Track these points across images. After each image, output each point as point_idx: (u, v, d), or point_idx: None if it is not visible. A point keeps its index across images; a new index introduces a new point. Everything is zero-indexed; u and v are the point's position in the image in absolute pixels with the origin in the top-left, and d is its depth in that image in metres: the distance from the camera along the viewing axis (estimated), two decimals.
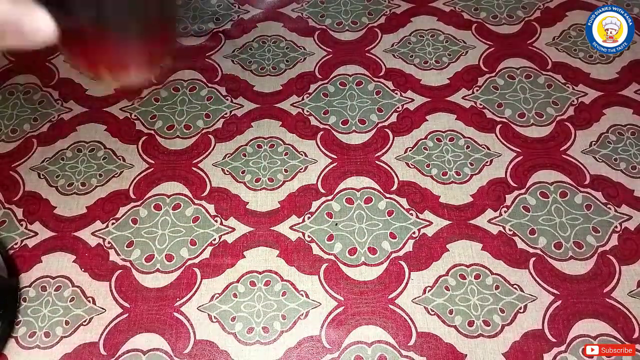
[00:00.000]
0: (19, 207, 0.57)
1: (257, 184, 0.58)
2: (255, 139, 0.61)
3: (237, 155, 0.60)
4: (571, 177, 0.57)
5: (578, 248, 0.53)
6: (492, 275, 0.52)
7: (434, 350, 0.48)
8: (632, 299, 0.50)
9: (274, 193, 0.57)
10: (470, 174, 0.58)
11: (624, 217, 0.55)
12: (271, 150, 0.60)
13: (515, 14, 0.72)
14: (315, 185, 0.57)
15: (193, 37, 0.69)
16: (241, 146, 0.60)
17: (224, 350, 0.48)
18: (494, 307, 0.50)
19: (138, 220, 0.55)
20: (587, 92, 0.64)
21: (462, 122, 0.62)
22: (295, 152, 0.60)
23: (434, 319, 0.49)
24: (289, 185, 0.58)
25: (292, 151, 0.60)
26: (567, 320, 0.49)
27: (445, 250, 0.53)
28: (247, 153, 0.60)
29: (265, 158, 0.59)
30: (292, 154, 0.59)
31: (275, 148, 0.60)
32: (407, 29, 0.71)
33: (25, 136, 0.62)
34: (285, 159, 0.59)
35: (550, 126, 0.61)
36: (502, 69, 0.66)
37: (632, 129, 0.61)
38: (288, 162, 0.59)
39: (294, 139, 0.60)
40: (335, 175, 0.58)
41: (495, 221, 0.55)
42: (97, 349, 0.48)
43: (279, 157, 0.59)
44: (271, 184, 0.58)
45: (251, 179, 0.58)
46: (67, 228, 0.55)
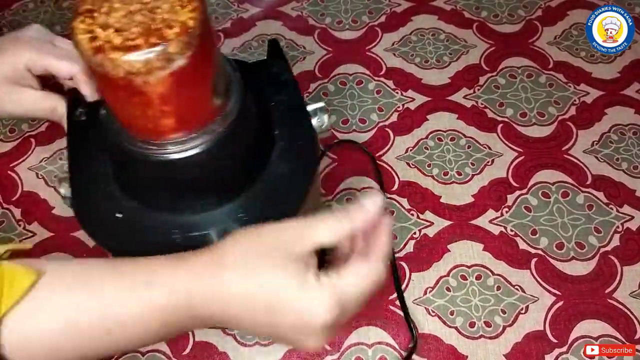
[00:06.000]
0: (17, 208, 0.56)
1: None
2: None
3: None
4: (573, 177, 0.57)
5: (580, 248, 0.53)
6: (494, 275, 0.51)
7: (435, 352, 0.48)
8: (634, 299, 0.50)
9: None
10: (471, 173, 0.58)
11: (626, 217, 0.54)
12: None
13: (517, 12, 0.71)
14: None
15: None
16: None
17: (223, 352, 0.48)
18: (495, 308, 0.50)
19: None
20: (588, 92, 0.63)
21: (464, 122, 0.61)
22: None
23: (435, 320, 0.49)
24: None
25: None
26: (568, 321, 0.49)
27: (446, 251, 0.53)
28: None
29: None
30: None
31: None
32: (408, 27, 0.70)
33: (23, 136, 0.61)
34: None
35: (552, 126, 0.61)
36: (504, 68, 0.66)
37: (633, 128, 0.61)
38: None
39: None
40: (336, 176, 0.58)
41: (496, 221, 0.54)
42: None
43: None
44: None
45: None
46: (65, 228, 0.55)
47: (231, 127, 0.33)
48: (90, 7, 0.30)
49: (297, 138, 0.39)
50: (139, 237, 0.36)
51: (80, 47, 0.29)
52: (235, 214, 0.36)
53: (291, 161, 0.38)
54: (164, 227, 0.36)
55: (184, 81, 0.29)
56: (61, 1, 0.74)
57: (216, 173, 0.35)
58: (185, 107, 0.31)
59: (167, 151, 0.32)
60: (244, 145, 0.36)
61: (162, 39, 0.28)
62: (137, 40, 0.28)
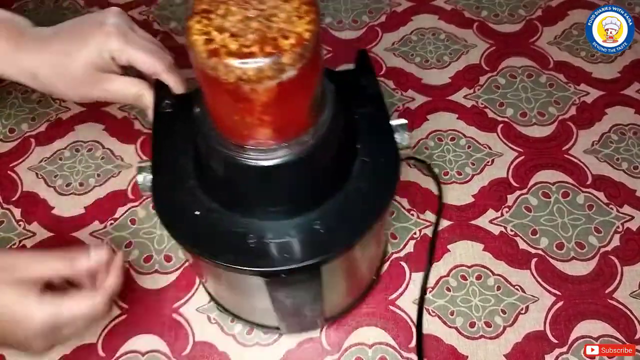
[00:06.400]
0: (17, 208, 0.56)
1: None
2: None
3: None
4: (573, 177, 0.57)
5: (580, 249, 0.53)
6: (494, 276, 0.51)
7: (435, 352, 0.48)
8: (634, 299, 0.50)
9: None
10: (471, 173, 0.58)
11: (626, 217, 0.54)
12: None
13: (517, 12, 0.71)
14: None
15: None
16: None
17: (223, 352, 0.48)
18: (495, 308, 0.49)
19: (136, 221, 0.55)
20: (589, 92, 0.63)
21: (464, 122, 0.61)
22: None
23: (435, 320, 0.49)
24: None
25: None
26: (568, 321, 0.49)
27: (447, 251, 0.53)
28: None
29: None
30: None
31: None
32: (408, 27, 0.70)
33: (23, 136, 0.61)
34: None
35: (552, 126, 0.61)
36: (504, 68, 0.66)
37: (634, 128, 0.61)
38: None
39: None
40: None
41: (496, 221, 0.54)
42: (96, 350, 0.48)
43: None
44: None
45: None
46: (65, 228, 0.55)
47: (322, 138, 0.33)
48: (207, 7, 0.30)
49: (379, 154, 0.39)
50: (215, 237, 0.36)
51: (195, 48, 0.28)
52: (310, 224, 0.36)
53: (372, 178, 0.38)
54: (241, 230, 0.36)
55: (289, 92, 0.29)
56: (61, 1, 0.74)
57: (301, 182, 0.35)
58: (285, 118, 0.31)
59: (257, 157, 0.32)
60: (330, 157, 0.36)
61: (277, 49, 0.28)
62: (252, 48, 0.28)
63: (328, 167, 0.36)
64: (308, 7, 0.30)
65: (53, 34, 0.46)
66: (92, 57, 0.44)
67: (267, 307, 0.40)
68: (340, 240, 0.35)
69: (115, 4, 0.72)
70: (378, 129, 0.40)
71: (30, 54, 0.45)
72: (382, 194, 0.37)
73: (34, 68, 0.45)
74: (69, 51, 0.44)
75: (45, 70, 0.45)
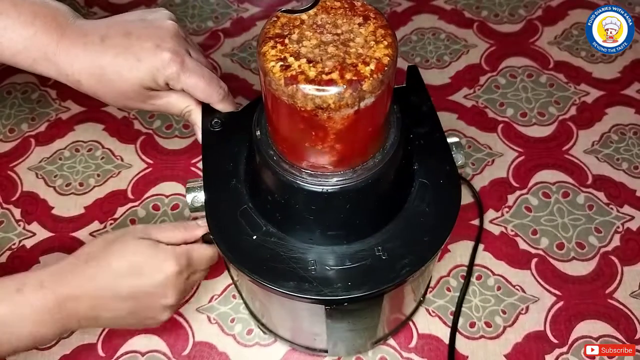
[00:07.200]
0: (17, 208, 0.56)
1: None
2: None
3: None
4: (573, 177, 0.57)
5: (580, 249, 0.53)
6: (494, 276, 0.51)
7: (435, 352, 0.47)
8: (634, 299, 0.50)
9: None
10: (471, 173, 0.58)
11: (626, 217, 0.54)
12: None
13: (517, 12, 0.71)
14: None
15: (192, 36, 0.69)
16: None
17: (222, 352, 0.48)
18: (495, 308, 0.49)
19: (136, 221, 0.55)
20: (589, 92, 0.63)
21: (464, 122, 0.61)
22: None
23: (435, 320, 0.49)
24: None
25: None
26: (569, 321, 0.49)
27: (447, 251, 0.53)
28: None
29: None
30: None
31: None
32: (408, 27, 0.70)
33: (23, 136, 0.61)
34: None
35: (552, 126, 0.61)
36: (504, 68, 0.66)
37: (634, 128, 0.60)
38: None
39: None
40: None
41: (497, 221, 0.54)
42: (95, 350, 0.48)
43: None
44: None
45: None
46: (65, 228, 0.55)
47: (387, 163, 0.32)
48: (280, 32, 0.29)
49: (438, 175, 0.37)
50: (276, 262, 0.34)
51: (271, 75, 0.27)
52: (372, 250, 0.34)
53: (432, 200, 0.36)
54: (300, 256, 0.34)
55: (364, 119, 0.28)
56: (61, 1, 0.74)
57: (364, 207, 0.34)
58: (356, 144, 0.30)
59: (321, 182, 0.31)
60: (393, 180, 0.35)
61: (358, 76, 0.27)
62: (332, 75, 0.27)
63: (390, 191, 0.35)
64: (384, 31, 0.29)
65: (100, 39, 0.41)
66: (145, 81, 0.41)
67: (319, 332, 0.39)
68: (405, 267, 0.34)
69: (116, 4, 0.72)
70: (434, 148, 0.38)
71: (73, 58, 0.41)
72: (444, 217, 0.36)
73: (77, 74, 0.42)
74: (119, 70, 0.41)
75: (91, 82, 0.42)
